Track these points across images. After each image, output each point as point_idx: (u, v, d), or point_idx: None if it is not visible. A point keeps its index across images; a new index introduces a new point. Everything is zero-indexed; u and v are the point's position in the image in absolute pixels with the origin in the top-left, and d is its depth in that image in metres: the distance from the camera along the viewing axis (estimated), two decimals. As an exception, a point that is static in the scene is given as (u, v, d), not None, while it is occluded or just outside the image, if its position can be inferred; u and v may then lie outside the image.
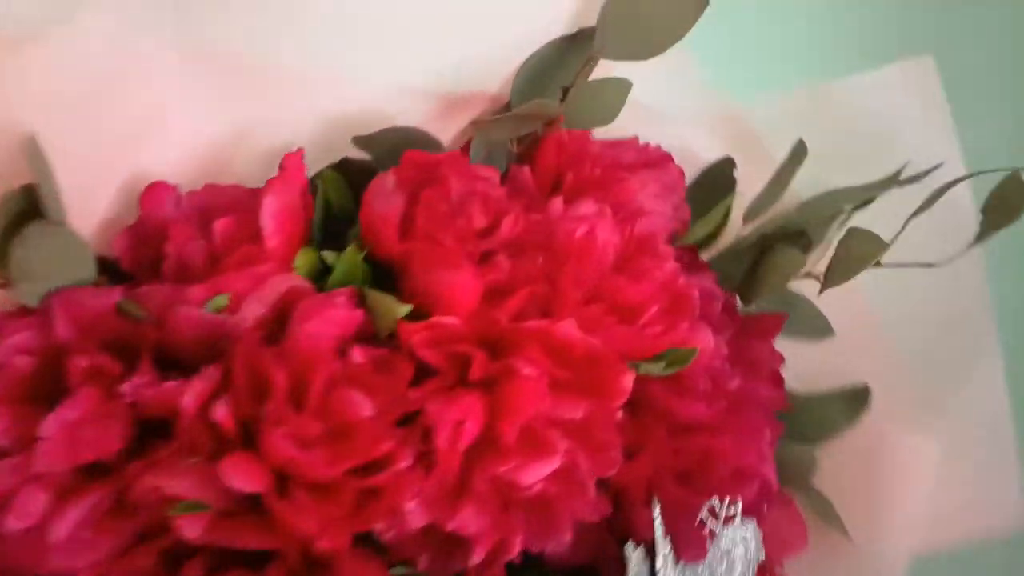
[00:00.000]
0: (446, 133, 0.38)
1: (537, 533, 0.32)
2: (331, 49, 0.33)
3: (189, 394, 0.28)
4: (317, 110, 0.34)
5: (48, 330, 0.29)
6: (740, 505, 0.37)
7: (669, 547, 0.35)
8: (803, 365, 0.50)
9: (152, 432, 0.30)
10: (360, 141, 0.35)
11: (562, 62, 0.37)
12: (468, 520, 0.30)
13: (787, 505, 0.45)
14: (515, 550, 0.31)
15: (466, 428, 0.29)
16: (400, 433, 0.29)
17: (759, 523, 0.38)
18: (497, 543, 0.31)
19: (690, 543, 0.36)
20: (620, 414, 0.33)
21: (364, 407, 0.29)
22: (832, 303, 0.50)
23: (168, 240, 0.31)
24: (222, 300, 0.30)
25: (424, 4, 0.34)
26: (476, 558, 0.31)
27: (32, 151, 0.28)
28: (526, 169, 0.38)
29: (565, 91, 0.37)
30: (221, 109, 0.32)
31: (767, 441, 0.37)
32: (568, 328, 0.31)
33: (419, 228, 0.33)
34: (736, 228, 0.47)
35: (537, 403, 0.30)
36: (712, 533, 0.37)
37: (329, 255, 0.33)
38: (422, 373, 0.31)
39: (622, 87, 0.36)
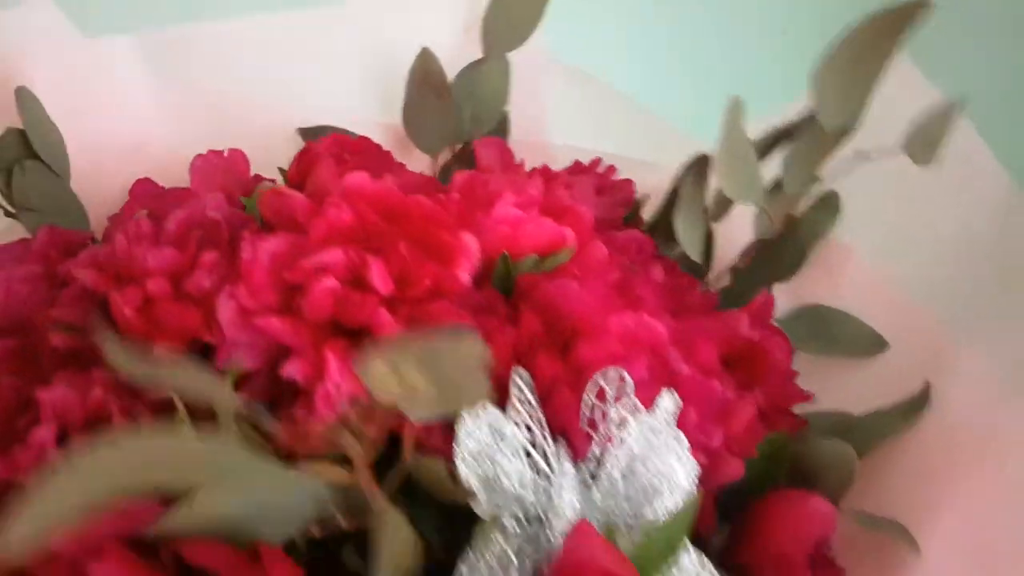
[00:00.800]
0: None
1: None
2: (285, 81, 0.45)
3: (86, 253, 0.37)
4: (275, 132, 0.45)
5: (28, 247, 0.40)
6: (630, 382, 0.34)
7: (531, 416, 0.33)
8: (866, 385, 0.45)
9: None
10: (304, 132, 0.44)
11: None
12: (281, 328, 0.33)
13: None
14: (333, 374, 0.33)
15: (268, 244, 0.34)
16: (222, 256, 0.35)
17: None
18: (315, 365, 0.33)
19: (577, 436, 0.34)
20: (466, 278, 0.35)
21: (195, 232, 0.35)
22: (894, 318, 0.46)
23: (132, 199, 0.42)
24: (142, 213, 0.39)
25: (356, 42, 0.45)
26: (289, 368, 0.33)
27: (24, 99, 0.40)
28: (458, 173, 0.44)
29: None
30: (194, 132, 0.44)
31: (665, 322, 0.35)
32: (385, 183, 0.36)
33: (309, 154, 0.40)
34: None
35: (334, 222, 0.34)
36: (604, 416, 0.34)
37: (246, 200, 0.41)
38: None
39: (502, 66, 0.43)
